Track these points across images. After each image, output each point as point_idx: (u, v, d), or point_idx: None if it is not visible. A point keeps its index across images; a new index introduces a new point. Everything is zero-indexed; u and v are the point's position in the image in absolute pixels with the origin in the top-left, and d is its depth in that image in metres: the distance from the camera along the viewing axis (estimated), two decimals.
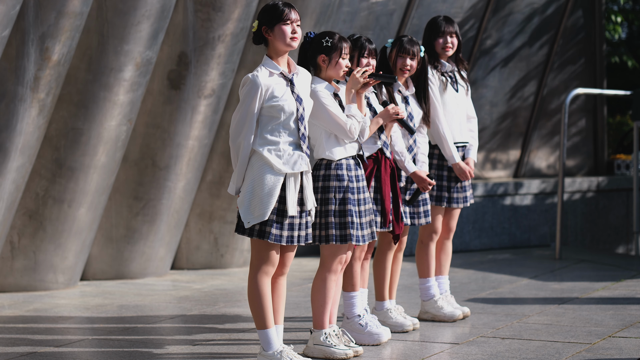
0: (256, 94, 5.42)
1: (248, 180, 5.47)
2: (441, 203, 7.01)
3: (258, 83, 5.43)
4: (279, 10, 5.48)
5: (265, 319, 5.55)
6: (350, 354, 5.90)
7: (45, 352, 6.17)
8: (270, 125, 5.49)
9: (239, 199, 5.48)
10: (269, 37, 5.52)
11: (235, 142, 5.46)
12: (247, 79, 5.45)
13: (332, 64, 5.86)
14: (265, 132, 5.48)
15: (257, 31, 5.55)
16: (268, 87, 5.45)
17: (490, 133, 12.21)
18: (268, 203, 5.43)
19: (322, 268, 5.93)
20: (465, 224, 10.98)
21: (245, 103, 5.43)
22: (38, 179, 8.29)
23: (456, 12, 11.39)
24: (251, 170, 5.47)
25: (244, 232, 5.48)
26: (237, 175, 5.50)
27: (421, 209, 6.73)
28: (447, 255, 7.22)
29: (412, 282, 8.60)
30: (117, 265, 9.03)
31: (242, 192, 5.47)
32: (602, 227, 12.38)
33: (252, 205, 5.44)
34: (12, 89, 7.61)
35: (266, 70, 5.50)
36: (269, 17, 5.50)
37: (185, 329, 7.00)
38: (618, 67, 18.79)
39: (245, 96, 5.43)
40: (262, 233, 5.45)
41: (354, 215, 5.84)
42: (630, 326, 6.75)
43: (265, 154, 5.44)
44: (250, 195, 5.44)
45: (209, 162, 9.52)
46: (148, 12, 8.08)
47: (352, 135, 5.83)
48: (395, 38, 6.71)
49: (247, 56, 9.23)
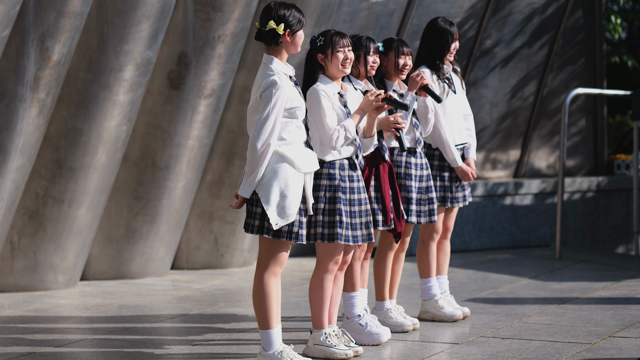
0: (285, 97, 5.47)
1: (272, 182, 5.46)
2: (445, 204, 7.01)
3: (285, 87, 5.48)
4: (301, 18, 5.59)
5: (269, 319, 5.56)
6: (350, 354, 5.90)
7: (45, 352, 6.18)
8: (288, 126, 5.54)
9: (263, 200, 5.46)
10: (286, 41, 5.56)
11: (262, 144, 5.45)
12: (274, 82, 5.46)
13: (330, 59, 5.90)
14: (284, 133, 5.53)
15: (273, 32, 5.54)
16: (290, 89, 5.51)
17: (490, 133, 12.21)
18: (297, 203, 5.49)
19: (318, 268, 5.94)
20: (465, 224, 10.98)
21: (275, 106, 5.45)
22: (38, 179, 8.29)
23: (456, 12, 11.39)
24: (273, 172, 5.48)
25: (270, 234, 5.48)
26: (257, 177, 5.47)
27: (427, 207, 6.72)
28: (445, 255, 7.23)
29: (412, 282, 8.60)
30: (117, 265, 9.03)
31: (266, 194, 5.46)
32: (602, 227, 12.38)
33: (280, 207, 5.46)
34: (12, 89, 7.61)
35: (282, 73, 5.55)
36: (293, 23, 5.55)
37: (185, 329, 7.00)
38: (618, 67, 18.79)
39: (275, 101, 5.45)
40: (290, 234, 5.49)
41: (344, 214, 5.84)
42: (630, 326, 6.75)
43: (289, 155, 5.49)
44: (279, 197, 5.46)
45: (209, 162, 9.52)
46: (148, 12, 8.08)
47: (332, 145, 5.82)
48: (385, 41, 6.67)
49: (247, 56, 9.24)
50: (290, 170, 5.50)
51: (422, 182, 6.70)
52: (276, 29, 5.53)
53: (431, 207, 6.74)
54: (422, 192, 6.70)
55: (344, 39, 5.91)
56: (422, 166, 6.70)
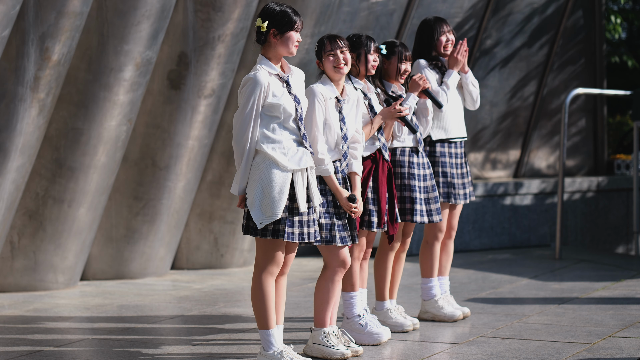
0: (260, 91, 5.45)
1: (255, 181, 5.46)
2: (449, 199, 6.99)
3: (261, 81, 5.46)
4: (292, 18, 5.54)
5: (268, 319, 5.56)
6: (348, 354, 5.89)
7: (45, 352, 6.17)
8: (271, 124, 5.51)
9: (248, 200, 5.47)
10: (274, 40, 5.54)
11: (240, 141, 5.47)
12: (248, 79, 5.47)
13: (324, 62, 5.93)
14: (267, 130, 5.50)
15: (257, 29, 5.56)
16: (268, 84, 5.48)
17: (490, 133, 12.21)
18: (280, 202, 5.45)
19: (326, 268, 5.95)
20: (465, 224, 10.98)
21: (249, 101, 5.45)
22: (38, 179, 8.29)
23: (456, 12, 11.39)
24: (257, 170, 5.47)
25: (256, 233, 5.48)
26: (241, 175, 5.49)
27: (433, 206, 6.71)
28: (448, 255, 7.22)
29: (413, 282, 8.60)
30: (117, 265, 9.03)
31: (251, 193, 5.46)
32: (602, 227, 12.38)
33: (263, 206, 5.45)
34: (12, 89, 7.61)
35: (264, 70, 5.52)
36: (281, 22, 5.52)
37: (185, 329, 7.00)
38: (618, 67, 18.79)
39: (249, 94, 5.45)
40: (276, 232, 5.47)
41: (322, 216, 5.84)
42: (630, 326, 6.75)
43: (270, 152, 5.46)
44: (261, 196, 5.45)
45: (209, 162, 9.52)
46: (148, 12, 8.08)
47: (317, 155, 5.79)
48: (388, 44, 6.66)
49: (247, 56, 9.23)
50: (274, 169, 5.47)
51: (426, 181, 6.70)
52: (261, 26, 5.53)
53: (437, 206, 6.74)
54: (428, 191, 6.70)
55: (333, 43, 5.91)
56: (424, 165, 6.70)
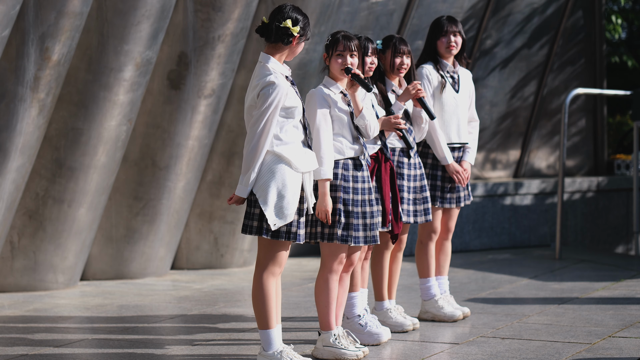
0: (283, 97, 5.46)
1: (270, 183, 5.45)
2: (434, 202, 6.99)
3: (283, 86, 5.48)
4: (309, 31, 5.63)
5: (269, 319, 5.56)
6: (360, 355, 5.89)
7: (45, 352, 6.18)
8: (285, 126, 5.53)
9: (260, 201, 5.46)
10: (292, 45, 5.58)
11: (259, 144, 5.44)
12: (271, 83, 5.46)
13: (332, 61, 5.91)
14: (281, 133, 5.52)
15: (286, 30, 5.53)
16: (287, 89, 5.50)
17: (490, 133, 12.21)
18: (294, 203, 5.48)
19: (323, 268, 5.93)
20: (465, 224, 10.98)
21: (272, 105, 5.45)
22: (38, 179, 8.29)
23: (456, 12, 11.40)
24: (270, 172, 5.47)
25: (267, 234, 5.47)
26: (251, 177, 5.47)
27: (422, 207, 6.72)
28: (446, 255, 7.22)
29: (412, 282, 8.60)
30: (117, 265, 9.03)
31: (264, 195, 5.45)
32: (602, 227, 12.38)
33: (278, 207, 5.45)
34: (12, 89, 7.61)
35: (278, 71, 5.54)
36: (306, 31, 5.59)
37: (185, 329, 7.00)
38: (618, 67, 18.79)
39: (272, 99, 5.44)
40: (289, 234, 5.48)
41: (342, 214, 5.83)
42: (630, 326, 6.75)
43: (286, 155, 5.48)
44: (277, 197, 5.45)
45: (209, 162, 9.52)
46: (148, 12, 8.08)
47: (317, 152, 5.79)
48: (385, 39, 6.66)
49: (247, 56, 9.24)
50: (288, 170, 5.49)
51: (416, 181, 6.69)
52: (291, 29, 5.54)
53: (425, 207, 6.73)
54: (416, 192, 6.69)
55: (347, 44, 5.88)
56: (416, 165, 6.69)
